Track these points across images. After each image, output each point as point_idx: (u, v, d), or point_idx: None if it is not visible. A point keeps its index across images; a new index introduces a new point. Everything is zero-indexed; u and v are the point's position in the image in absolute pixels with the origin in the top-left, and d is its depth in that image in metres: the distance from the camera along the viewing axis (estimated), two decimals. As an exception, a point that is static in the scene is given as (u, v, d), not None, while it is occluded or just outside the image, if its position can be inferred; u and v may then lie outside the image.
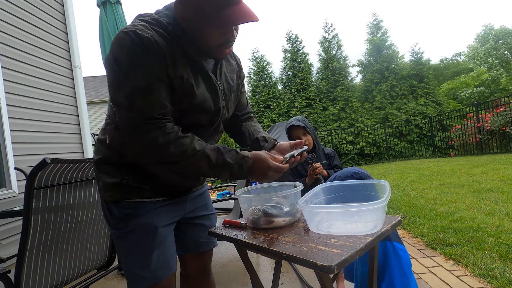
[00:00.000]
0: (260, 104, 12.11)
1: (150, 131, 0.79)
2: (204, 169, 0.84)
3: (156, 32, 0.82)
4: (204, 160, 0.83)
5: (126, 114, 0.79)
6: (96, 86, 19.10)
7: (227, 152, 0.87)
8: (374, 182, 1.02)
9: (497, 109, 7.68)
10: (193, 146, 0.82)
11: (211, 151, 0.85)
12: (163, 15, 0.88)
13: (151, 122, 0.79)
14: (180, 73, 0.84)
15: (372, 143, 11.14)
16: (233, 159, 0.87)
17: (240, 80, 1.12)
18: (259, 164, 0.90)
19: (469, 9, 61.46)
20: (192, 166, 0.83)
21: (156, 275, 0.93)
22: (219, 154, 0.86)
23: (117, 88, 0.79)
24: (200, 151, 0.83)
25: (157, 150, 0.80)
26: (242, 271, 2.19)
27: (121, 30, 0.81)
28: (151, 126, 0.79)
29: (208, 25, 0.81)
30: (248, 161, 0.89)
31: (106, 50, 3.46)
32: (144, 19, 0.85)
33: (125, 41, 0.78)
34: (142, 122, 0.79)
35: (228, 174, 0.87)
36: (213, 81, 0.94)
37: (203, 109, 0.92)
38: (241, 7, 0.79)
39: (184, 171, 0.86)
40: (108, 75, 0.82)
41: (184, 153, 0.81)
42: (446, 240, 2.34)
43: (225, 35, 0.84)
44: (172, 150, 0.80)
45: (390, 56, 12.42)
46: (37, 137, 3.31)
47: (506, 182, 3.93)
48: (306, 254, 0.73)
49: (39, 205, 1.23)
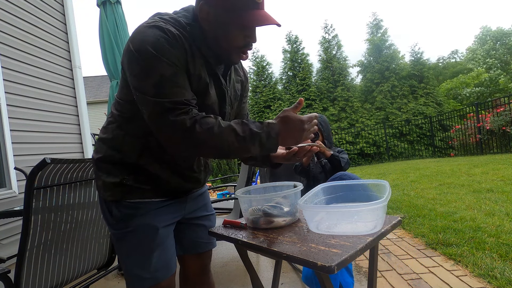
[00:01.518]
0: (260, 104, 12.10)
1: (179, 115, 0.79)
2: (233, 144, 0.81)
3: (176, 29, 0.84)
4: (231, 134, 0.81)
5: (154, 101, 0.79)
6: (96, 86, 19.10)
7: (252, 123, 0.85)
8: (374, 182, 1.02)
9: (497, 109, 7.68)
10: (218, 122, 0.82)
11: (236, 124, 0.83)
12: (181, 15, 0.89)
13: (180, 107, 0.80)
14: (198, 71, 0.86)
15: (372, 143, 11.13)
16: (258, 128, 0.84)
17: (245, 91, 1.13)
18: (289, 124, 0.86)
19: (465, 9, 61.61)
20: (221, 143, 0.81)
21: (156, 276, 0.93)
22: (244, 126, 0.83)
23: (143, 78, 0.80)
24: (226, 126, 0.82)
25: (185, 132, 0.79)
26: (242, 271, 2.19)
27: (141, 25, 0.83)
28: (179, 111, 0.79)
29: (235, 24, 0.84)
30: (275, 127, 0.85)
31: (106, 50, 3.46)
32: (163, 18, 0.86)
33: (149, 33, 0.80)
34: (171, 107, 0.79)
35: (258, 145, 0.83)
36: (223, 85, 0.95)
37: (211, 112, 0.92)
38: (266, 12, 0.86)
39: (215, 150, 0.83)
40: (130, 68, 0.82)
41: (210, 130, 0.80)
42: (446, 240, 2.34)
43: (248, 37, 0.88)
44: (198, 129, 0.79)
45: (390, 56, 12.41)
46: (37, 137, 3.31)
47: (506, 182, 3.93)
48: (306, 254, 0.73)
49: (39, 205, 1.22)
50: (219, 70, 0.96)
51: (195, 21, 0.89)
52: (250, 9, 0.83)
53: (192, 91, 0.86)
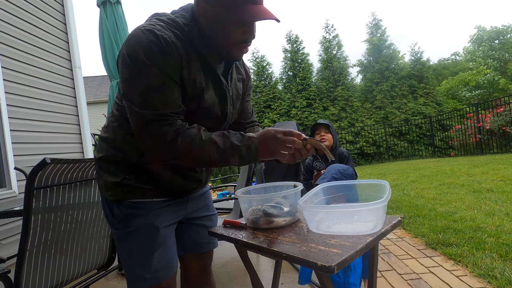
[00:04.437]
0: (261, 104, 12.09)
1: (162, 127, 0.79)
2: (213, 156, 0.83)
3: (173, 33, 0.83)
4: (212, 147, 0.83)
5: (139, 111, 0.79)
6: (96, 86, 19.09)
7: (233, 135, 0.86)
8: (374, 182, 1.02)
9: (497, 109, 7.68)
10: (200, 135, 0.82)
11: (217, 137, 0.85)
12: (179, 15, 0.89)
13: (164, 119, 0.80)
14: (193, 76, 0.85)
15: (372, 143, 11.13)
16: (239, 141, 0.85)
17: (247, 89, 1.12)
18: (265, 136, 0.88)
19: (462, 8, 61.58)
20: (202, 155, 0.83)
21: (157, 276, 0.93)
22: (225, 139, 0.85)
23: (131, 84, 0.80)
24: (207, 139, 0.83)
25: (167, 145, 0.80)
26: (242, 271, 2.19)
27: (138, 28, 0.82)
28: (163, 122, 0.79)
29: (233, 20, 0.83)
30: (254, 140, 0.87)
31: (106, 50, 3.46)
32: (161, 19, 0.86)
33: (143, 38, 0.79)
34: (155, 119, 0.79)
35: (237, 158, 0.85)
36: (224, 85, 0.95)
37: (211, 113, 0.92)
38: (264, 7, 0.84)
39: (195, 161, 0.85)
40: (121, 71, 0.82)
41: (192, 143, 0.81)
42: (446, 240, 2.34)
43: (246, 33, 0.86)
44: (180, 142, 0.80)
45: (390, 56, 12.41)
46: (37, 137, 3.31)
47: (506, 182, 3.93)
48: (306, 254, 0.73)
49: (39, 205, 1.23)
50: (219, 70, 0.95)
51: (193, 21, 0.88)
52: (248, 3, 0.81)
53: (187, 96, 0.85)
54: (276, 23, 0.87)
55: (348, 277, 1.35)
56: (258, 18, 0.82)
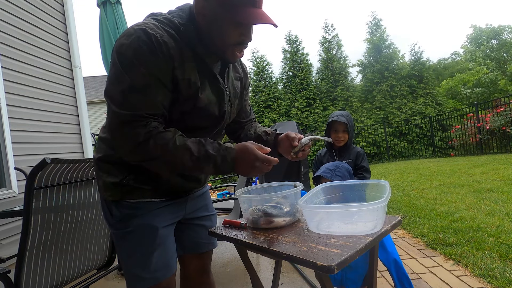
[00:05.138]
0: (260, 104, 12.10)
1: (136, 128, 0.78)
2: (187, 163, 0.82)
3: (167, 32, 0.83)
4: (186, 153, 0.81)
5: (117, 110, 0.78)
6: (96, 86, 19.10)
7: (209, 144, 0.84)
8: (374, 182, 1.02)
9: (497, 109, 7.68)
10: (174, 139, 0.81)
11: (192, 143, 0.83)
12: (176, 15, 0.88)
13: (139, 120, 0.78)
14: (187, 76, 0.85)
15: (372, 143, 11.13)
16: (215, 150, 0.84)
17: (245, 88, 1.12)
18: (245, 155, 0.86)
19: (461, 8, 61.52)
20: (174, 160, 0.81)
21: (156, 276, 0.93)
22: (200, 146, 0.83)
23: (114, 82, 0.80)
24: (181, 144, 0.81)
25: (138, 146, 0.79)
26: (242, 271, 2.19)
27: (131, 26, 0.82)
28: (138, 123, 0.78)
29: (231, 21, 0.82)
30: (232, 152, 0.85)
31: (106, 50, 3.46)
32: (157, 18, 0.86)
33: (133, 37, 0.78)
34: (130, 120, 0.78)
35: (212, 167, 0.84)
36: (221, 84, 0.94)
37: (207, 112, 0.92)
38: (262, 11, 0.84)
39: (167, 166, 0.83)
40: (111, 65, 0.82)
41: (164, 146, 0.79)
42: (446, 240, 2.34)
43: (243, 35, 0.86)
44: (152, 144, 0.78)
45: (389, 56, 12.42)
46: (37, 137, 3.31)
47: (506, 182, 3.93)
48: (306, 254, 0.73)
49: (39, 205, 1.22)
50: (216, 69, 0.95)
51: (190, 20, 0.87)
52: (246, 6, 0.81)
53: (182, 96, 0.85)
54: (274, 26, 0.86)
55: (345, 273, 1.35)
56: (256, 21, 0.81)
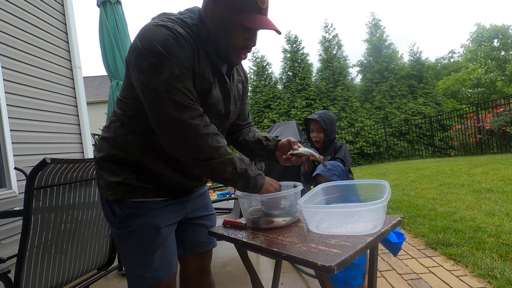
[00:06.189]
0: (260, 104, 12.09)
1: (193, 118, 0.81)
2: (226, 173, 0.87)
3: (183, 29, 0.85)
4: (230, 165, 0.86)
5: (168, 97, 0.79)
6: (96, 86, 19.09)
7: (249, 165, 0.92)
8: (374, 182, 1.02)
9: (497, 109, 7.68)
10: (226, 147, 0.86)
11: (237, 158, 0.89)
12: (187, 16, 0.91)
13: (194, 108, 0.81)
14: (202, 71, 0.87)
15: (372, 143, 11.13)
16: (253, 172, 0.92)
17: (245, 92, 1.15)
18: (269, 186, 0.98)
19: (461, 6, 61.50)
20: (218, 167, 0.86)
21: (158, 275, 0.93)
22: (243, 164, 0.89)
23: (153, 75, 0.80)
24: (230, 155, 0.86)
25: (196, 139, 0.81)
26: (242, 271, 2.19)
27: (150, 24, 0.84)
28: (194, 112, 0.81)
29: (236, 25, 0.86)
30: (262, 179, 0.95)
31: (106, 50, 3.46)
32: (170, 18, 0.87)
33: (158, 32, 0.80)
34: (185, 105, 0.80)
35: (243, 184, 0.91)
36: (227, 84, 0.97)
37: (215, 110, 0.94)
38: (267, 19, 0.89)
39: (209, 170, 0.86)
40: (138, 65, 0.82)
41: (217, 150, 0.84)
42: (446, 240, 2.34)
43: (248, 40, 0.90)
44: (209, 143, 0.82)
45: (389, 56, 12.41)
46: (37, 137, 3.31)
47: (506, 182, 3.93)
48: (306, 254, 0.73)
49: (39, 205, 1.22)
50: (223, 69, 0.98)
51: (201, 22, 0.90)
52: (253, 12, 0.85)
53: (196, 91, 0.87)
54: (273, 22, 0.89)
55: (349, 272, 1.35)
56: (261, 26, 0.85)
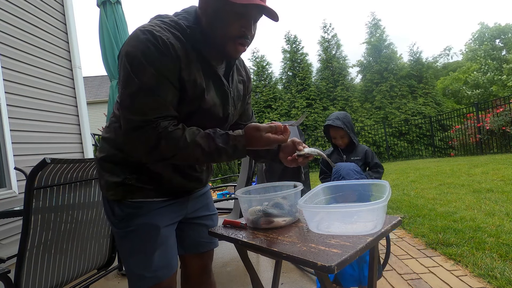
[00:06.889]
0: (261, 104, 12.09)
1: (146, 132, 0.80)
2: (200, 158, 0.85)
3: (172, 34, 0.84)
4: (197, 149, 0.83)
5: (127, 116, 0.80)
6: (96, 86, 19.09)
7: (219, 137, 0.86)
8: (374, 182, 1.02)
9: (497, 109, 7.68)
10: (184, 137, 0.82)
11: (202, 139, 0.84)
12: (182, 17, 0.89)
13: (148, 123, 0.80)
14: (193, 77, 0.86)
15: (372, 143, 11.13)
16: (224, 143, 0.86)
17: (247, 92, 1.13)
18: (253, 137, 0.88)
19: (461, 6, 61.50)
20: (187, 156, 0.84)
21: (158, 275, 0.94)
22: (210, 141, 0.85)
23: (124, 85, 0.81)
24: (191, 141, 0.83)
25: (151, 149, 0.81)
26: (242, 271, 2.19)
27: (138, 28, 0.83)
28: (147, 127, 0.80)
29: (230, 12, 0.82)
30: (241, 140, 0.87)
31: (106, 50, 3.47)
32: (163, 20, 0.86)
33: (141, 39, 0.79)
34: (140, 125, 0.79)
35: (225, 157, 0.87)
36: (225, 86, 0.95)
37: (211, 114, 0.93)
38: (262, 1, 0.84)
39: (186, 161, 0.88)
40: (119, 70, 0.83)
41: (176, 146, 0.81)
42: (446, 240, 2.34)
43: (244, 28, 0.85)
44: (164, 144, 0.80)
45: (389, 56, 12.41)
46: (37, 137, 3.31)
47: (506, 182, 3.93)
48: (306, 254, 0.73)
49: (39, 205, 1.22)
50: (220, 71, 0.96)
51: (196, 23, 0.89)
52: None
53: (188, 97, 0.86)
54: (274, 22, 0.87)
55: (362, 270, 1.34)
56: (253, 5, 0.81)
